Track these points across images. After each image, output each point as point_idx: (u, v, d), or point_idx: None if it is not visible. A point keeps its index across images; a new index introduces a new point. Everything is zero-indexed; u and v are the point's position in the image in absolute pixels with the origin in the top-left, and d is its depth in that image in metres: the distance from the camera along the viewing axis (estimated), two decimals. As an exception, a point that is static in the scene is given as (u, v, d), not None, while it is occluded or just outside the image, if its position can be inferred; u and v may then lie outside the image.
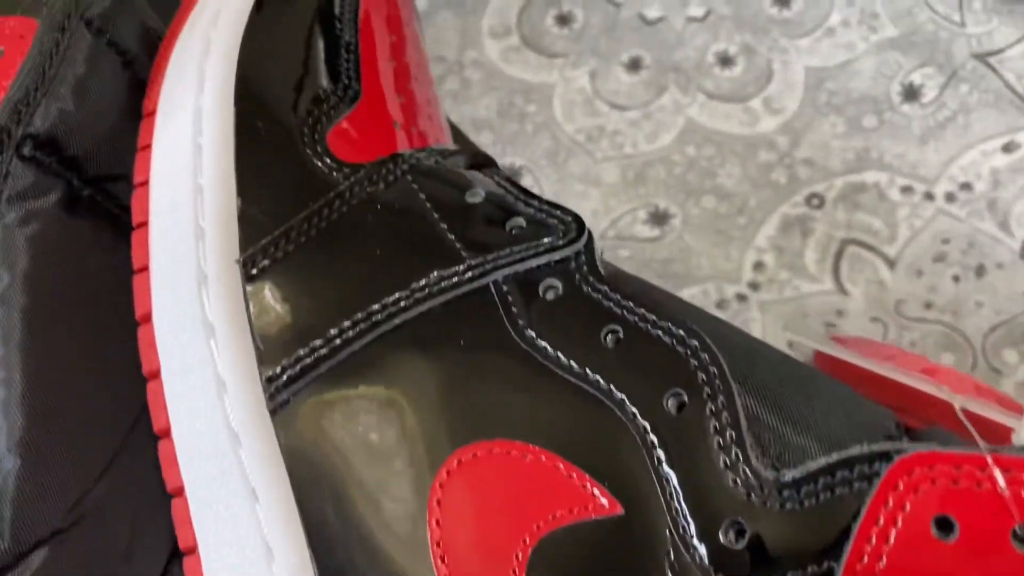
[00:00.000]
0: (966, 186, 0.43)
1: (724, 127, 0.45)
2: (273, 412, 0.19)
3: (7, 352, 0.20)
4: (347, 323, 0.20)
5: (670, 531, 0.17)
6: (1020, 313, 0.41)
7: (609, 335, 0.19)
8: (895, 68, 0.45)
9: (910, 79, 0.45)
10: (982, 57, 0.45)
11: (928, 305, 0.41)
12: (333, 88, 0.24)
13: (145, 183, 0.21)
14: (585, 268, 0.20)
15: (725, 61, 0.46)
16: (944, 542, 0.15)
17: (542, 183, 0.44)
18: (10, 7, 0.24)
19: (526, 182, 0.45)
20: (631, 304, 0.19)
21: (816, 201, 0.43)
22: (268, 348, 0.20)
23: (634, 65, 0.46)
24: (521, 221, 0.21)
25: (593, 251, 0.21)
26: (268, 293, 0.21)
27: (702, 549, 0.17)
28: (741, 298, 0.41)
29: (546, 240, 0.21)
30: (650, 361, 0.18)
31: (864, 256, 0.42)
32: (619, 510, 0.17)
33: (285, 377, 0.20)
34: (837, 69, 0.45)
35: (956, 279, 0.41)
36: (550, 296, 0.20)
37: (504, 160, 0.45)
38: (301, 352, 0.20)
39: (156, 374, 0.20)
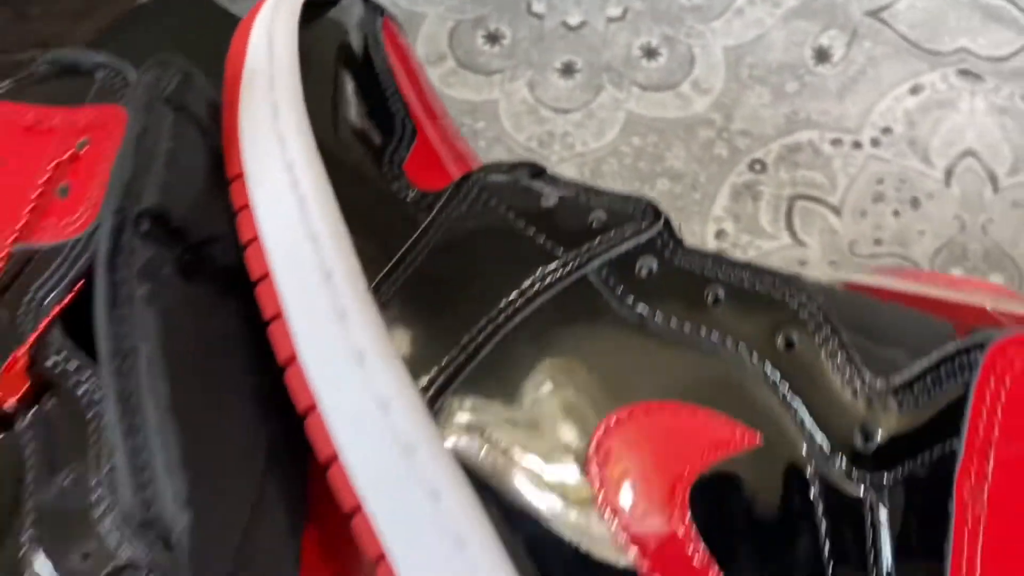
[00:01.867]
0: (887, 130, 0.47)
1: (662, 114, 0.48)
2: (435, 416, 0.21)
3: (160, 417, 0.21)
4: (475, 330, 0.22)
5: (807, 449, 0.20)
6: (956, 234, 0.45)
7: (710, 295, 0.22)
8: (803, 35, 0.49)
9: (819, 43, 0.49)
10: (874, 13, 0.50)
11: (877, 241, 0.45)
12: (396, 129, 0.26)
13: (254, 239, 0.23)
14: (672, 243, 0.23)
15: (650, 53, 0.49)
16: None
17: (505, 193, 0.47)
18: (72, 97, 0.25)
19: (489, 195, 0.47)
20: (723, 267, 0.22)
21: (759, 167, 0.46)
22: (414, 365, 0.22)
23: (568, 70, 0.49)
24: (601, 215, 0.24)
25: (672, 227, 0.23)
26: (401, 316, 0.22)
27: (838, 458, 0.20)
28: (712, 266, 0.45)
29: (629, 225, 0.23)
30: (756, 310, 0.21)
31: (812, 208, 0.46)
32: (757, 441, 0.20)
33: (435, 387, 0.22)
34: (752, 44, 0.49)
35: (896, 214, 0.45)
36: (645, 273, 0.22)
37: (464, 178, 0.47)
38: (443, 362, 0.22)
39: (312, 408, 0.21)
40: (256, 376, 0.24)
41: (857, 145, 0.47)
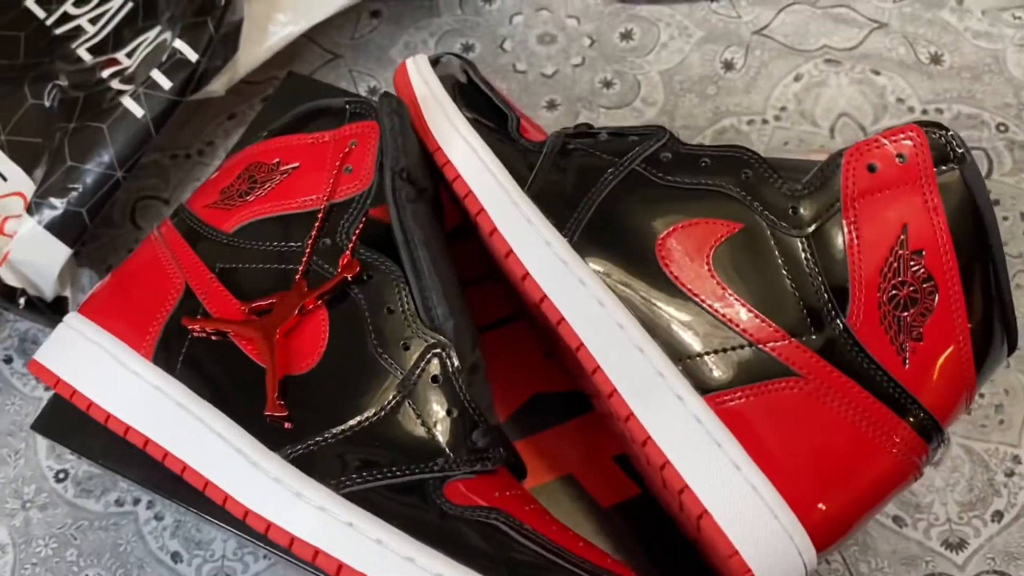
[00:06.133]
0: (783, 108, 0.66)
1: (626, 124, 0.67)
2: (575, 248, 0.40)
3: (430, 271, 0.39)
4: (581, 205, 0.40)
5: (766, 225, 0.38)
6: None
7: (702, 162, 0.40)
8: (712, 54, 0.69)
9: (724, 57, 0.68)
10: (759, 31, 0.70)
11: (793, 182, 0.63)
12: (507, 115, 0.44)
13: (457, 176, 0.40)
14: (676, 142, 0.41)
15: (607, 84, 0.68)
16: (873, 174, 0.37)
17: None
18: (330, 124, 0.43)
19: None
20: (706, 149, 0.40)
21: (701, 148, 0.65)
22: (558, 224, 0.40)
23: (551, 105, 0.68)
24: (635, 137, 0.42)
25: (674, 135, 0.41)
26: (544, 202, 0.39)
27: (782, 224, 0.38)
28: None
29: (652, 138, 0.41)
30: (727, 164, 0.39)
31: (744, 169, 0.64)
32: (741, 227, 0.38)
33: (570, 234, 0.40)
34: (678, 66, 0.68)
35: (802, 162, 0.64)
36: (666, 159, 0.41)
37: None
38: (571, 222, 0.40)
39: (510, 252, 0.38)
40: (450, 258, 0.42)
41: (764, 122, 0.66)
